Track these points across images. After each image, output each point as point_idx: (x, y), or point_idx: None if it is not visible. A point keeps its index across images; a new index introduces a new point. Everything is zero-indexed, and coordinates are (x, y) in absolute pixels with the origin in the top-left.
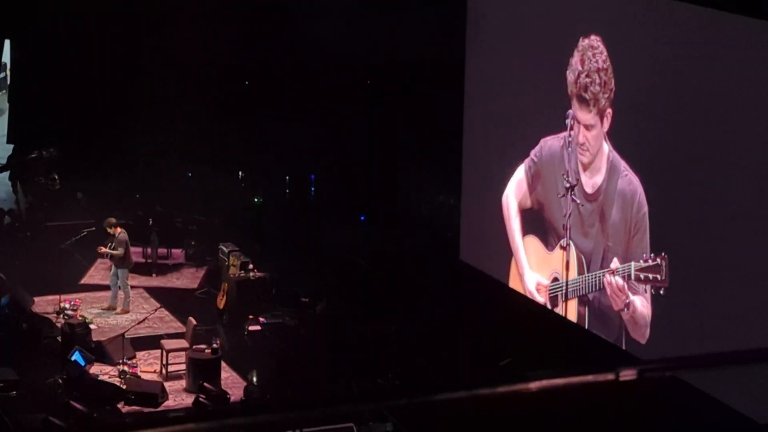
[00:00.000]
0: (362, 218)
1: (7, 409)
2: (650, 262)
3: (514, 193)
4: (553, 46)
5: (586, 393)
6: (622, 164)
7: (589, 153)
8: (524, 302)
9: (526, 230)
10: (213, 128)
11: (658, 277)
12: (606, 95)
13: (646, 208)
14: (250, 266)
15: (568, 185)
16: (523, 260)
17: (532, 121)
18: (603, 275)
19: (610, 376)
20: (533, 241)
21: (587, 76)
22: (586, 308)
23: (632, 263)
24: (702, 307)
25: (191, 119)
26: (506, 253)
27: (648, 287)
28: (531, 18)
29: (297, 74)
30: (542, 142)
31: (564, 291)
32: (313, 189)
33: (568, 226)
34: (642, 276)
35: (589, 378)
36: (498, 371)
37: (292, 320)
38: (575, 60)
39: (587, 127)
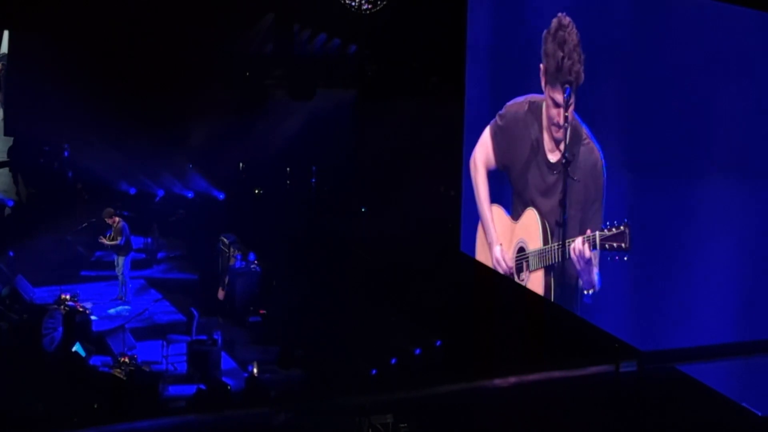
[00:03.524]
0: (363, 209)
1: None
2: (614, 231)
3: (481, 158)
4: (544, 26)
5: (586, 384)
6: (584, 132)
7: (563, 130)
8: (525, 293)
9: (492, 197)
10: (213, 120)
11: (623, 244)
12: (582, 68)
13: (604, 178)
14: (251, 257)
15: (564, 161)
16: (490, 228)
17: None
18: (569, 244)
19: (611, 368)
20: (498, 210)
21: (569, 57)
22: (552, 279)
23: (596, 232)
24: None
25: (191, 111)
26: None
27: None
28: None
29: (296, 66)
30: (507, 106)
31: (530, 260)
32: (313, 180)
33: (565, 204)
34: (607, 245)
35: (590, 370)
36: (498, 362)
37: (291, 311)
38: (551, 44)
39: (566, 107)
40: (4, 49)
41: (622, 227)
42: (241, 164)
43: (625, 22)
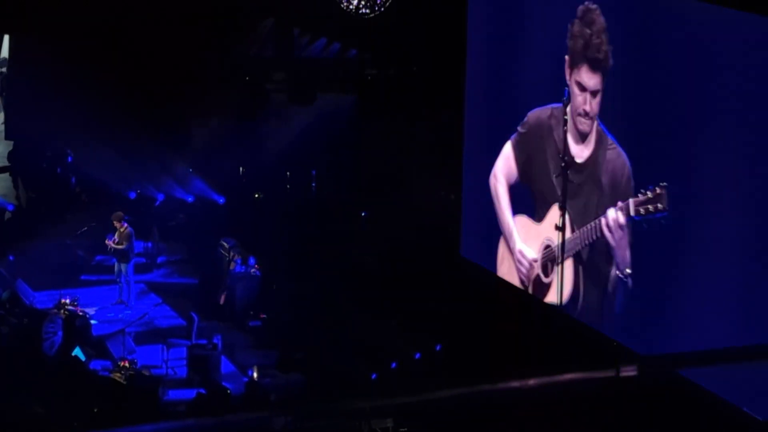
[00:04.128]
0: (363, 213)
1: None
2: (650, 194)
3: (502, 170)
4: (553, 30)
5: (587, 389)
6: (609, 138)
7: (590, 122)
8: (525, 298)
9: (515, 209)
10: (213, 125)
11: (659, 206)
12: (611, 56)
13: (633, 183)
14: (251, 261)
15: (563, 164)
16: (515, 236)
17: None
18: (599, 221)
19: (611, 373)
20: (522, 219)
21: (597, 36)
22: (581, 268)
23: (629, 200)
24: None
25: (191, 115)
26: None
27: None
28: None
29: (296, 70)
30: (529, 114)
31: (557, 253)
32: (313, 184)
33: (565, 205)
34: (642, 209)
35: (590, 374)
36: (498, 367)
37: (291, 315)
38: (578, 26)
39: (593, 93)
40: (5, 53)
41: (658, 189)
42: (241, 168)
43: (643, 28)
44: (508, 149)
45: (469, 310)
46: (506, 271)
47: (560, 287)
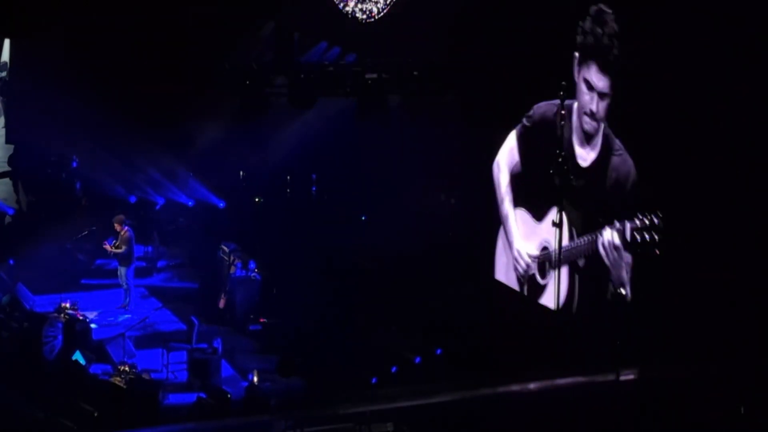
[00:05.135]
0: (363, 217)
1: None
2: (646, 222)
3: (506, 160)
4: (554, 28)
5: (587, 393)
6: (616, 142)
7: (595, 123)
8: (524, 301)
9: (516, 201)
10: (213, 129)
11: (656, 237)
12: (621, 62)
13: (636, 189)
14: (251, 265)
15: (565, 166)
16: (512, 229)
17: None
18: (596, 236)
19: (611, 376)
20: (522, 213)
21: (609, 39)
22: (576, 277)
23: (626, 222)
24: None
25: (191, 119)
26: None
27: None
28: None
29: (297, 74)
30: (535, 108)
31: (553, 258)
32: (314, 188)
33: (593, 209)
34: (638, 235)
35: (590, 378)
36: (497, 370)
37: (291, 319)
38: (590, 23)
39: (601, 96)
40: (6, 57)
41: (654, 218)
42: (241, 172)
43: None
44: (512, 141)
45: (470, 314)
46: (503, 266)
47: (557, 292)
